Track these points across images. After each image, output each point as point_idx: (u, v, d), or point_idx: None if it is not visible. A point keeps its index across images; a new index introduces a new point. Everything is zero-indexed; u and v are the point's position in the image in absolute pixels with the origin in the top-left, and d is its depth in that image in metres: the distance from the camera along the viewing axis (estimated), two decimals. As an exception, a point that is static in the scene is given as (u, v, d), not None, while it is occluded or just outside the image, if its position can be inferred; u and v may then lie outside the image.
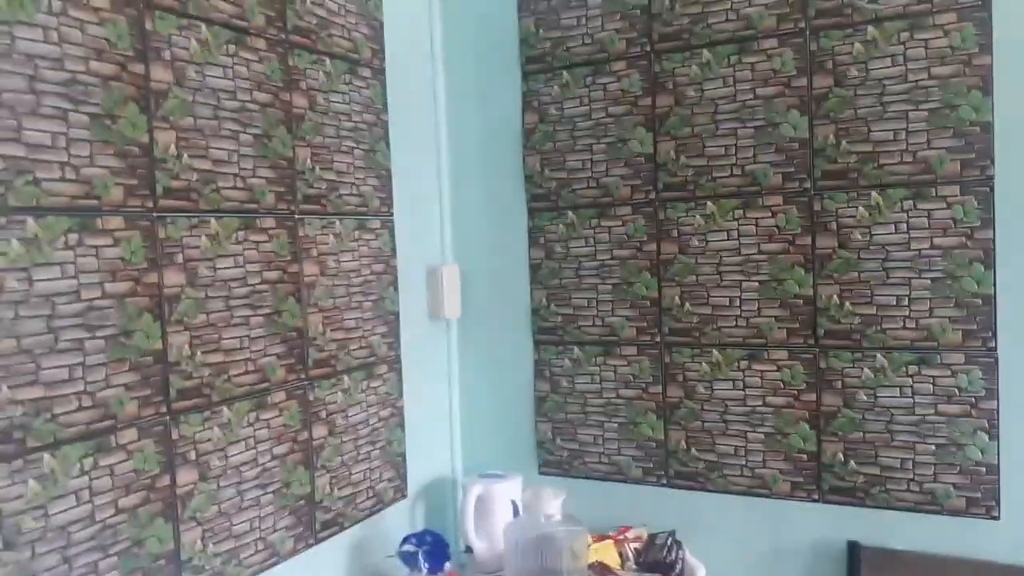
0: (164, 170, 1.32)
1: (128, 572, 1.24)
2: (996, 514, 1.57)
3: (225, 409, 1.42)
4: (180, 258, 1.34)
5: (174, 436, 1.32)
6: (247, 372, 1.46)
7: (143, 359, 1.27)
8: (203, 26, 1.39)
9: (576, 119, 1.92)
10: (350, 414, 1.71)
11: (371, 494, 1.78)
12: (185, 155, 1.35)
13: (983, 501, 1.58)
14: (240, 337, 1.45)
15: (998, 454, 1.57)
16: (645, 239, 1.86)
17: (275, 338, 1.52)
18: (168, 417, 1.31)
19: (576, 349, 1.96)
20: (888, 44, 1.62)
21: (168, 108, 1.32)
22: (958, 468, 1.60)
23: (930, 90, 1.59)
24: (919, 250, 1.61)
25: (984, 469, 1.58)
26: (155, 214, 1.30)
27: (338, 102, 1.69)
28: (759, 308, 1.75)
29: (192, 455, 1.35)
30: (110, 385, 1.22)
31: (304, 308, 1.59)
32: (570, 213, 1.94)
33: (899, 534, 1.65)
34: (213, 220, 1.40)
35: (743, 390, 1.78)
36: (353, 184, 1.73)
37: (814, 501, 1.72)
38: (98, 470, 1.20)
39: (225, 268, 1.42)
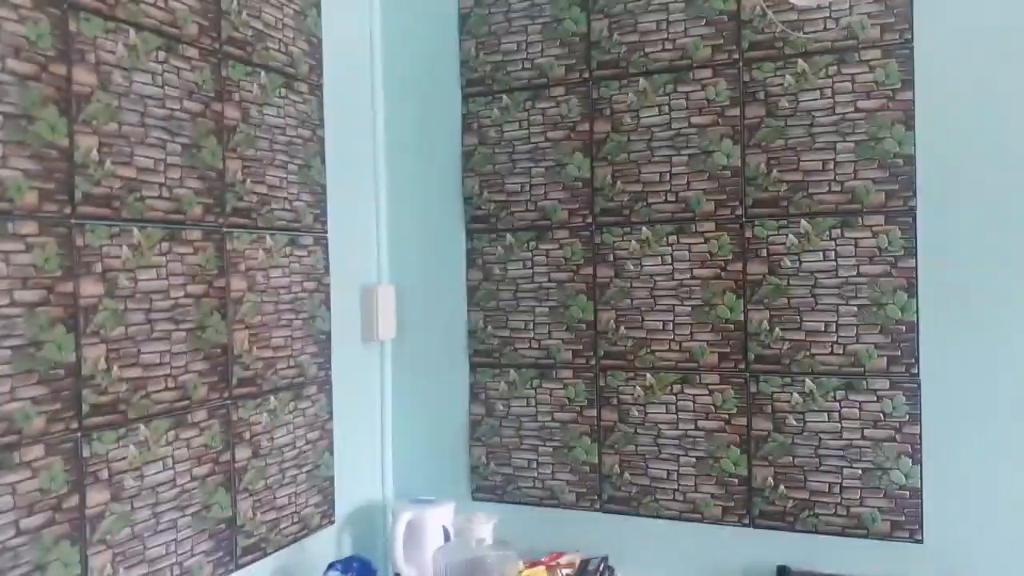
0: (85, 176, 1.27)
1: (28, 597, 1.17)
2: (919, 537, 1.60)
3: (142, 427, 1.35)
4: (99, 267, 1.29)
5: (85, 454, 1.26)
6: (167, 389, 1.40)
7: (53, 372, 1.21)
8: (131, 31, 1.35)
9: (515, 142, 1.93)
10: (276, 436, 1.66)
11: (296, 519, 1.72)
12: (108, 161, 1.30)
13: (907, 524, 1.61)
14: (160, 352, 1.39)
15: (921, 478, 1.60)
16: (582, 263, 1.86)
17: (198, 354, 1.47)
18: (79, 434, 1.25)
19: (512, 372, 1.95)
20: (817, 77, 1.67)
21: (91, 112, 1.28)
22: (883, 492, 1.62)
23: (856, 123, 1.64)
24: (846, 277, 1.64)
25: (908, 493, 1.61)
26: (73, 220, 1.25)
27: (272, 115, 1.66)
28: (692, 332, 1.77)
29: (104, 474, 1.29)
30: (15, 398, 1.16)
31: (230, 324, 1.54)
32: (508, 235, 1.94)
33: (827, 558, 1.67)
34: (136, 229, 1.35)
35: (676, 414, 1.79)
36: (286, 199, 1.70)
37: (744, 525, 1.73)
38: (-1, 488, 1.13)
39: (147, 280, 1.37)
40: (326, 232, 1.82)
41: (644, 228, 1.80)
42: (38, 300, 1.19)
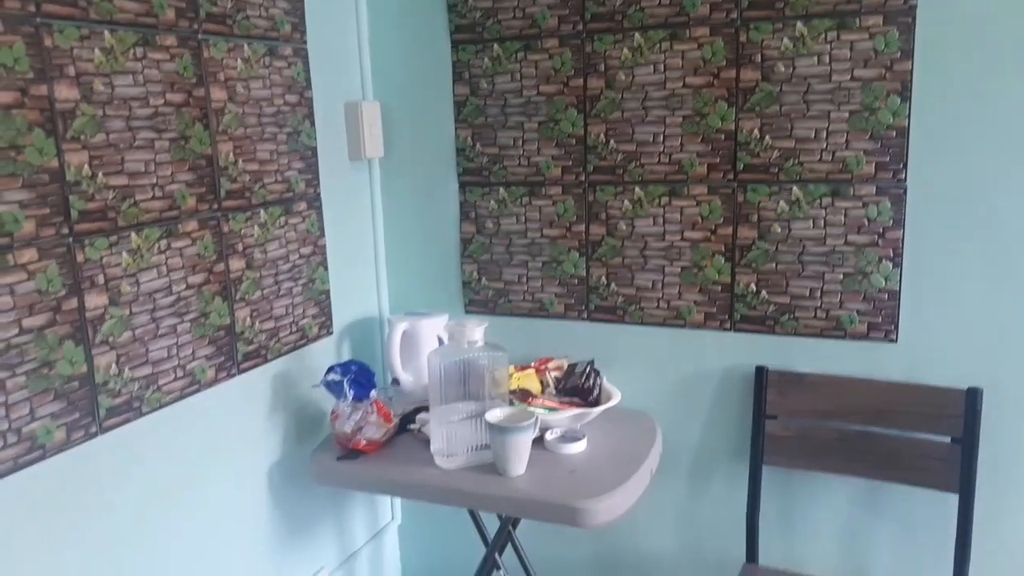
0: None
1: (38, 392, 1.22)
2: (894, 337, 1.66)
3: (133, 234, 1.37)
4: (72, 71, 1.25)
5: (79, 259, 1.28)
6: (155, 198, 1.41)
7: (37, 176, 1.21)
8: (106, 32, 1.28)
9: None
10: (268, 249, 1.68)
11: (295, 329, 1.78)
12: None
13: (883, 326, 1.67)
14: (145, 161, 1.38)
15: (900, 281, 1.64)
16: (572, 74, 1.82)
17: (183, 165, 1.46)
18: (71, 239, 1.26)
19: (502, 190, 1.95)
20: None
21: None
22: (862, 295, 1.67)
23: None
24: (839, 83, 1.61)
25: (886, 296, 1.65)
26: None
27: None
28: (682, 143, 1.76)
29: (100, 279, 1.31)
30: (1, 201, 1.16)
31: (213, 135, 1.52)
32: (495, 46, 1.88)
33: (805, 359, 1.74)
34: (106, 32, 1.30)
35: (663, 226, 1.81)
36: (261, 5, 1.63)
37: (726, 330, 1.79)
38: (-4, 288, 1.16)
39: (125, 86, 1.34)
40: (305, 43, 1.76)
41: (636, 33, 1.75)
42: (12, 102, 1.17)
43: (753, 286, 1.75)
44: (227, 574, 1.63)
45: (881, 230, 1.63)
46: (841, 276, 1.68)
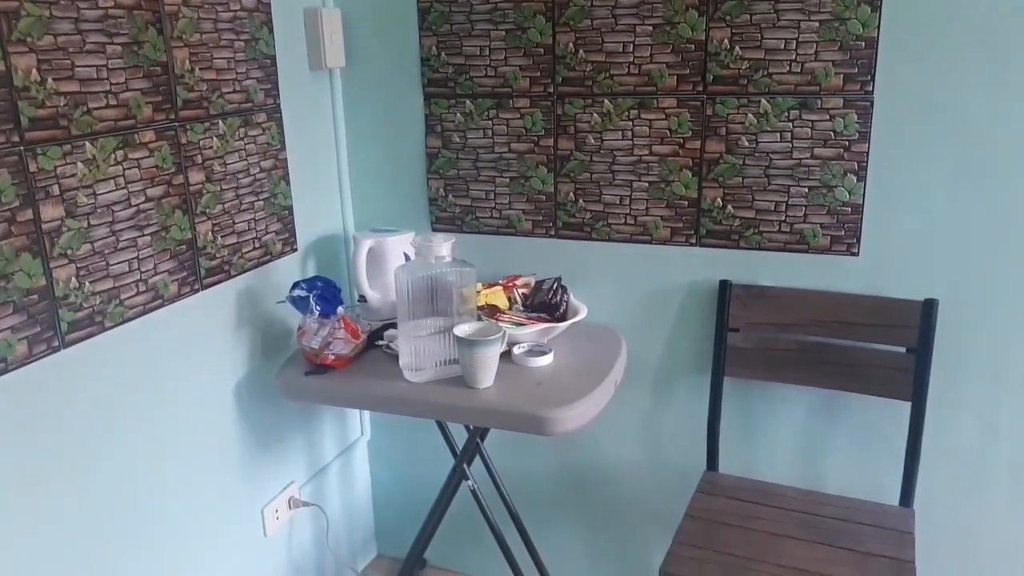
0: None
1: (-4, 305, 1.20)
2: (856, 251, 1.69)
3: (87, 144, 1.32)
4: (13, -33, 1.18)
5: (32, 168, 1.23)
6: (108, 106, 1.35)
7: (-18, 80, 1.15)
8: None
9: None
10: (228, 161, 1.64)
11: (258, 245, 1.75)
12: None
13: (845, 239, 1.69)
14: (96, 66, 1.32)
15: (864, 195, 1.66)
16: (539, -19, 1.77)
17: (137, 71, 1.40)
18: (22, 147, 1.22)
19: (468, 102, 1.91)
20: None
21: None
22: (826, 209, 1.69)
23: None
24: (811, -8, 1.59)
25: (849, 209, 1.67)
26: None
27: None
28: (651, 54, 1.73)
29: (55, 190, 1.27)
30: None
31: (167, 40, 1.46)
32: (460, -48, 1.81)
33: (768, 273, 1.77)
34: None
35: (631, 140, 1.79)
36: (215, -98, 1.54)
37: (691, 245, 1.81)
38: (-54, 197, 1.12)
39: (69, -15, 1.27)
40: (262, -56, 1.68)
41: None
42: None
43: (719, 200, 1.76)
44: (196, 488, 1.64)
45: (847, 143, 1.64)
46: (806, 190, 1.69)
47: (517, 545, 1.90)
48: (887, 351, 1.68)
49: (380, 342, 1.75)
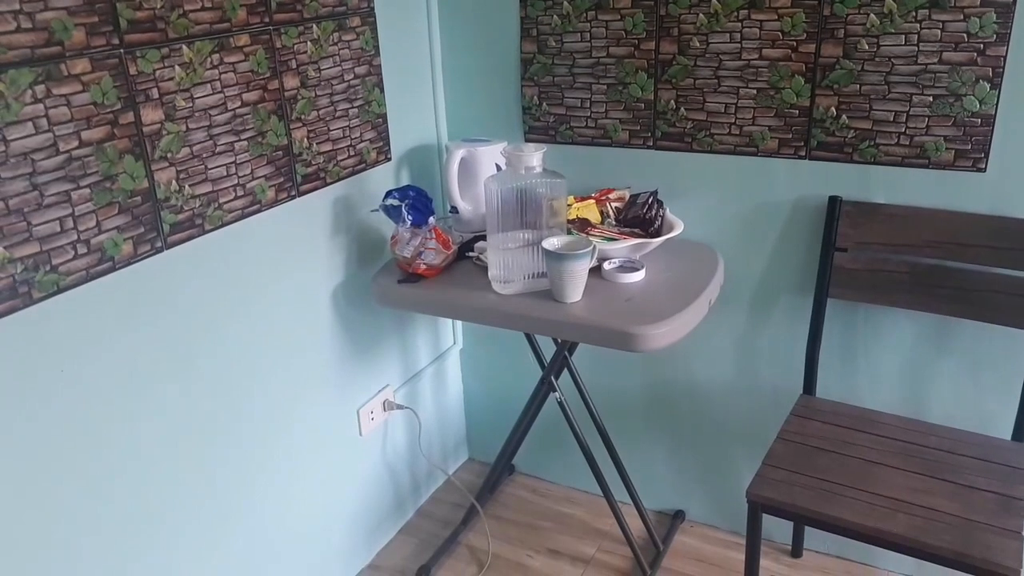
0: None
1: (102, 205, 1.24)
2: (983, 166, 1.55)
3: (184, 47, 1.33)
4: None
5: (132, 71, 1.26)
6: (203, 8, 1.36)
7: (82, -18, 1.17)
8: None
9: None
10: (322, 67, 1.63)
11: (353, 152, 1.75)
12: None
13: (972, 153, 1.55)
14: (191, -33, 1.32)
15: (997, 104, 1.50)
16: None
17: (231, -27, 1.39)
18: (122, 50, 1.24)
19: (566, 3, 1.83)
20: None
21: None
22: (952, 120, 1.55)
23: None
24: None
25: (979, 120, 1.53)
26: None
27: None
28: (765, -51, 1.59)
29: (155, 93, 1.30)
30: (49, 7, 1.13)
31: (261, -59, 1.44)
32: None
33: (882, 189, 1.65)
34: None
35: (740, 43, 1.68)
36: None
37: (800, 158, 1.70)
38: (52, 99, 1.15)
39: None
40: None
41: None
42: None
43: (833, 110, 1.63)
44: (295, 387, 1.71)
45: (981, 46, 1.48)
46: (930, 99, 1.55)
47: (603, 458, 1.91)
48: (1009, 276, 1.56)
49: (470, 253, 1.75)
